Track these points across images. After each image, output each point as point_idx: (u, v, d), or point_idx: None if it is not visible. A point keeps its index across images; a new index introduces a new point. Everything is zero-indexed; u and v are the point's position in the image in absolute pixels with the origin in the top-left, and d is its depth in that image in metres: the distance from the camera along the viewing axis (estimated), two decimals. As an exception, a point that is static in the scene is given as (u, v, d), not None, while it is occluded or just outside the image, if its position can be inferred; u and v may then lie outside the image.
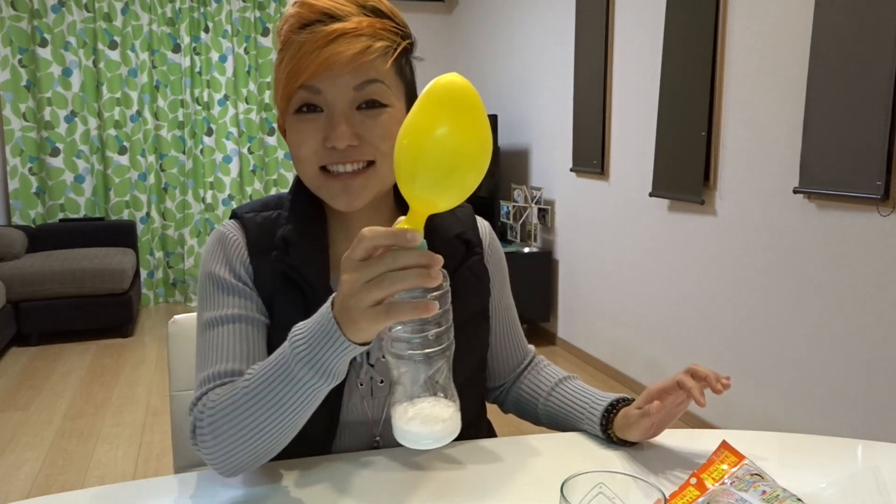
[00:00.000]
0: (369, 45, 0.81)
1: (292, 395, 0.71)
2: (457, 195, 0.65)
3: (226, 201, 5.22)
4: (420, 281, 0.61)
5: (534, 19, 4.20)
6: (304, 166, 0.86)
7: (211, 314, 0.88)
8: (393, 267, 0.62)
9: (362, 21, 0.82)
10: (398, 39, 0.86)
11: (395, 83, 0.86)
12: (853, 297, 2.20)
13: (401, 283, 0.62)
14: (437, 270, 0.62)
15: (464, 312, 0.93)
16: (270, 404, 0.73)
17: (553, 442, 0.95)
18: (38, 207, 4.83)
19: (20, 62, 4.70)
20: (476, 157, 0.64)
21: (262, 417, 0.73)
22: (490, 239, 1.04)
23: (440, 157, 0.62)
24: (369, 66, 0.82)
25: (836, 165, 2.16)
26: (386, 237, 0.63)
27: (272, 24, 5.24)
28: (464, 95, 0.63)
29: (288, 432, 0.76)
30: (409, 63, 0.90)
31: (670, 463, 0.87)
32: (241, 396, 0.75)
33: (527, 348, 1.11)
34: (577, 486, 0.61)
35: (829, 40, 2.17)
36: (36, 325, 4.11)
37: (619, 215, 3.46)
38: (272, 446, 0.76)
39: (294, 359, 0.70)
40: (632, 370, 3.43)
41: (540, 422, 1.07)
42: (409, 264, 0.62)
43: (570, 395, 1.01)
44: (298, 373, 0.70)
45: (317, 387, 0.71)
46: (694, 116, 2.81)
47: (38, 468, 2.58)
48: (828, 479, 0.81)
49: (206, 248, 0.93)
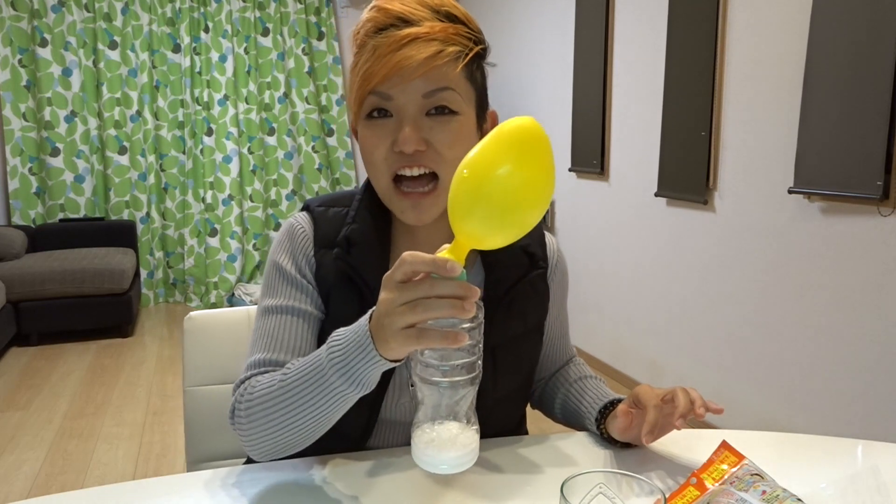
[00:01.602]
0: (441, 50, 0.82)
1: (322, 399, 0.74)
2: (505, 237, 0.65)
3: (226, 201, 5.22)
4: (453, 312, 0.62)
5: (534, 19, 4.20)
6: (376, 173, 0.88)
7: (269, 302, 0.92)
8: (429, 294, 0.63)
9: (435, 25, 0.83)
10: (470, 44, 0.86)
11: (466, 89, 0.87)
12: (853, 298, 2.20)
13: (434, 312, 0.63)
14: (471, 303, 0.63)
15: (517, 327, 0.95)
16: (301, 403, 0.76)
17: (553, 442, 0.95)
18: (38, 207, 4.83)
19: (20, 62, 4.70)
20: (534, 203, 0.64)
21: (292, 413, 0.77)
22: (558, 258, 1.05)
23: (499, 197, 0.62)
24: (440, 72, 0.83)
25: (835, 165, 2.16)
26: (426, 264, 0.63)
27: (272, 24, 5.24)
28: (534, 138, 0.62)
29: (316, 430, 0.78)
30: (480, 69, 0.91)
31: (670, 463, 0.87)
32: (277, 390, 0.78)
33: (570, 350, 1.11)
34: (577, 486, 0.61)
35: (827, 39, 2.17)
36: (36, 325, 4.10)
37: (618, 215, 3.46)
38: (301, 440, 0.79)
39: (329, 364, 0.72)
40: (632, 370, 3.43)
41: (556, 417, 1.07)
42: (444, 294, 0.62)
43: (582, 393, 1.01)
44: (331, 378, 0.72)
45: (346, 393, 0.73)
46: (695, 116, 2.81)
47: (38, 468, 2.58)
48: (828, 479, 0.81)
49: (276, 237, 0.97)
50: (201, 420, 1.15)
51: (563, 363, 1.10)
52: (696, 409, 0.81)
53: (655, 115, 3.09)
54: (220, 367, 1.16)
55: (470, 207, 0.63)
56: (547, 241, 1.04)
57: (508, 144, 0.62)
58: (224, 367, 1.16)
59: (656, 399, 0.84)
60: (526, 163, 0.62)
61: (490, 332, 0.91)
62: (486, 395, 0.92)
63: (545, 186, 0.64)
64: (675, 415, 0.81)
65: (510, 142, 0.62)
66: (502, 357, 0.93)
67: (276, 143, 5.38)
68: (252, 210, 5.32)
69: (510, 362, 0.94)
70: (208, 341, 1.17)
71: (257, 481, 0.84)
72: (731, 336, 2.75)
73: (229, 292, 5.18)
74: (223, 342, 1.17)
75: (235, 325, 1.18)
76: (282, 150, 5.39)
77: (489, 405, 0.93)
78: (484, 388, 0.92)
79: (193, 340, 1.16)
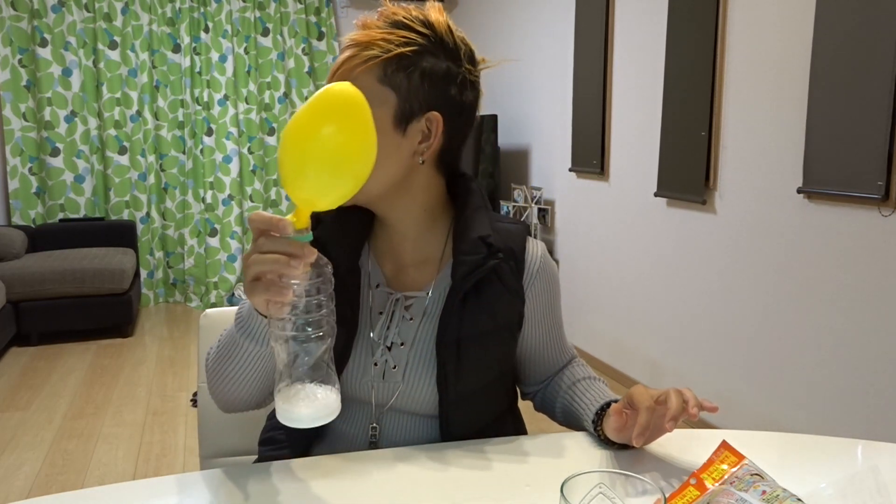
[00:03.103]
0: (354, 55, 0.89)
1: (233, 351, 0.87)
2: (337, 194, 0.71)
3: (226, 201, 5.22)
4: (277, 267, 0.68)
5: (533, 19, 4.20)
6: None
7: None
8: (261, 250, 0.69)
9: (369, 34, 0.89)
10: (391, 47, 0.87)
11: (378, 91, 0.88)
12: (854, 298, 2.20)
13: (262, 266, 0.69)
14: (300, 260, 0.68)
15: (486, 323, 0.95)
16: (225, 357, 0.88)
17: (553, 442, 0.95)
18: (38, 207, 4.83)
19: (20, 62, 4.70)
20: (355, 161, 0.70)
21: (222, 367, 0.89)
22: (541, 264, 1.02)
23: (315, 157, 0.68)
24: (349, 75, 0.89)
25: (836, 165, 2.16)
26: (263, 222, 0.70)
27: (272, 24, 5.24)
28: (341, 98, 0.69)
29: (247, 380, 0.89)
30: (409, 73, 0.88)
31: (670, 463, 0.87)
32: (214, 350, 0.92)
33: (568, 353, 1.11)
34: (577, 486, 0.61)
35: (829, 40, 2.17)
36: (36, 325, 4.10)
37: (619, 215, 3.46)
38: (240, 389, 0.90)
39: (235, 320, 0.86)
40: (632, 370, 3.43)
41: (557, 418, 1.08)
42: (273, 249, 0.69)
43: (583, 393, 1.01)
44: (235, 332, 0.86)
45: (241, 345, 0.85)
46: (695, 116, 2.81)
47: (38, 468, 2.58)
48: (828, 479, 0.81)
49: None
50: (214, 417, 1.16)
51: (561, 365, 1.10)
52: (689, 408, 0.82)
53: (655, 116, 3.09)
54: None
55: (295, 175, 0.69)
56: (528, 245, 1.02)
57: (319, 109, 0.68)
58: None
59: (649, 401, 0.84)
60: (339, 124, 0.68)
61: (455, 324, 0.93)
62: (448, 389, 0.94)
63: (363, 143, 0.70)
64: (667, 417, 0.81)
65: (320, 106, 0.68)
66: (466, 351, 0.93)
67: (276, 143, 5.37)
68: (252, 210, 5.32)
69: (475, 357, 0.95)
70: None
71: (259, 480, 0.84)
72: (731, 336, 2.75)
73: (229, 292, 5.18)
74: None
75: None
76: (282, 150, 5.38)
77: (452, 399, 0.94)
78: (445, 382, 0.93)
79: (209, 337, 1.17)
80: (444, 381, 0.93)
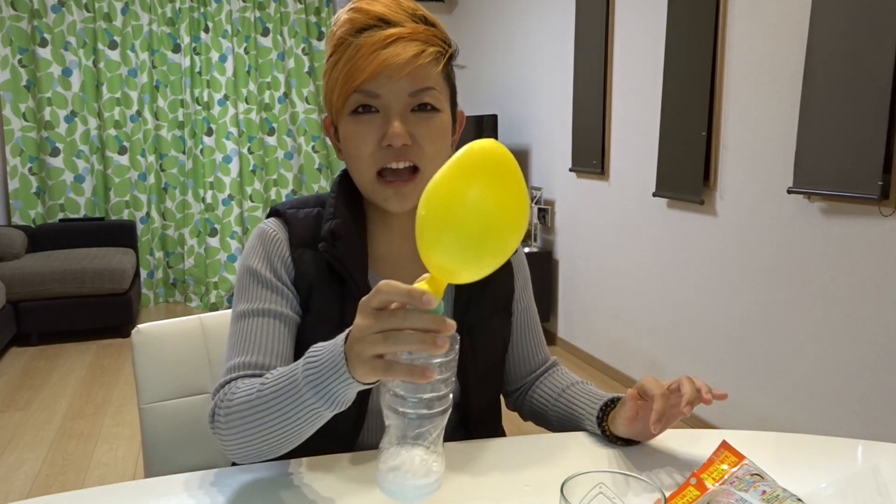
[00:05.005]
0: (423, 50, 0.86)
1: (296, 412, 0.73)
2: (481, 267, 0.62)
3: (226, 201, 5.22)
4: (424, 347, 0.61)
5: (534, 19, 4.20)
6: (361, 167, 0.90)
7: (245, 306, 0.92)
8: (401, 326, 0.61)
9: (416, 27, 0.87)
10: (446, 47, 0.91)
11: (444, 88, 0.92)
12: (853, 298, 2.20)
13: (404, 344, 0.61)
14: (444, 338, 0.61)
15: (489, 306, 1.00)
16: (276, 414, 0.75)
17: (553, 442, 0.95)
18: (38, 207, 4.83)
19: (20, 62, 4.70)
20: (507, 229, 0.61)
21: (267, 424, 0.76)
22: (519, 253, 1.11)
23: (465, 226, 0.59)
24: (424, 71, 0.87)
25: (835, 165, 2.16)
26: (401, 295, 0.62)
27: (272, 24, 5.24)
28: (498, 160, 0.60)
29: (291, 440, 0.78)
30: (452, 70, 0.95)
31: (670, 463, 0.87)
32: (255, 399, 0.78)
33: (547, 353, 1.13)
34: (577, 486, 0.61)
35: (827, 39, 2.17)
36: (36, 325, 4.10)
37: (619, 215, 3.46)
38: (277, 448, 0.79)
39: (304, 380, 0.71)
40: (632, 370, 3.43)
41: (552, 426, 1.08)
42: (417, 326, 0.61)
43: (576, 397, 1.01)
44: (305, 394, 0.71)
45: (318, 410, 0.72)
46: (694, 116, 2.81)
47: (38, 468, 2.58)
48: (828, 479, 0.81)
49: (247, 244, 0.98)
50: (161, 436, 1.09)
51: (542, 365, 1.11)
52: (702, 395, 0.83)
53: (655, 116, 3.09)
54: (175, 380, 1.11)
55: (436, 239, 0.61)
56: None
57: (472, 169, 0.60)
58: (180, 380, 1.11)
59: (662, 389, 0.85)
60: (492, 186, 0.59)
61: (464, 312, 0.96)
62: (469, 373, 0.97)
63: (516, 210, 0.61)
64: (683, 401, 0.82)
65: (474, 166, 0.60)
66: (478, 336, 0.98)
67: (276, 143, 5.38)
68: (252, 210, 5.32)
69: (485, 341, 1.00)
70: (161, 354, 1.11)
71: (256, 481, 0.84)
72: (731, 336, 2.75)
73: (229, 292, 5.18)
74: (176, 354, 1.12)
75: (188, 334, 1.14)
76: (282, 150, 5.39)
77: (472, 382, 0.98)
78: (466, 367, 0.96)
79: (146, 354, 1.10)
80: (464, 368, 0.96)
